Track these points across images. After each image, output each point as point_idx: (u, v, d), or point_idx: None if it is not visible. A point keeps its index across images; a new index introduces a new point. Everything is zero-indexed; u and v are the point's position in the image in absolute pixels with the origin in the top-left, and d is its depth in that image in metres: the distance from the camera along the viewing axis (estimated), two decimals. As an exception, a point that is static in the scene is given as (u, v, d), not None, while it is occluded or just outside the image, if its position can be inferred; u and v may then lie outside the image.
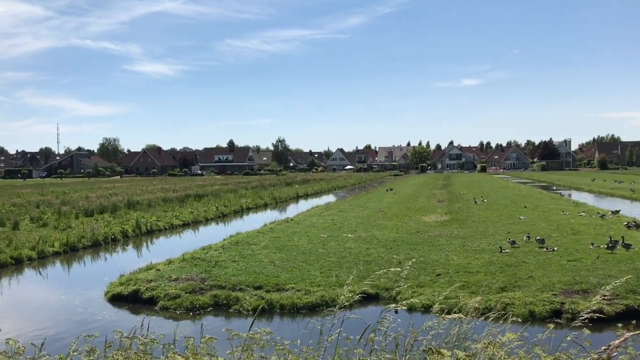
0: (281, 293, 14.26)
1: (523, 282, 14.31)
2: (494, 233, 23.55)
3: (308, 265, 17.33)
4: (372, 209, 36.92)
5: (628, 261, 16.57)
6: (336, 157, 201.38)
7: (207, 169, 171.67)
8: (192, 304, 13.87)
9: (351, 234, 23.93)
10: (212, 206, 40.75)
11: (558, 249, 18.86)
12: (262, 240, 22.62)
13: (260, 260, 18.20)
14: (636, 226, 24.41)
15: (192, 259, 18.73)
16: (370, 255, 18.77)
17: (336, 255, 18.79)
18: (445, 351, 3.58)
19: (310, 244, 21.52)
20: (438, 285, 14.29)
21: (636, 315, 11.64)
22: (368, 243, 21.41)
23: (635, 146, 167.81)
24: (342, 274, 15.84)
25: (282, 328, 12.26)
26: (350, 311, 13.22)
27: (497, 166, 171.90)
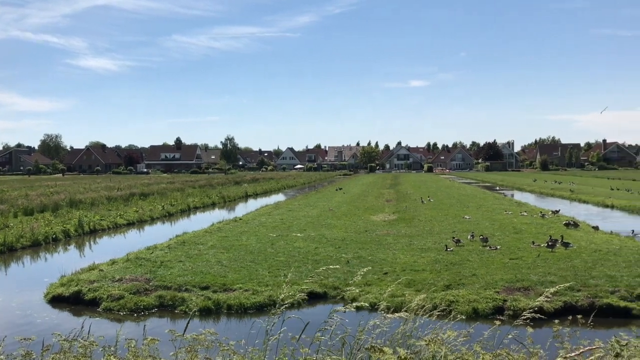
0: (228, 293, 14.11)
1: (467, 280, 14.65)
2: (439, 232, 24.02)
3: (256, 265, 17.21)
4: (321, 208, 37.04)
5: (567, 259, 17.21)
6: (286, 156, 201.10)
7: (154, 167, 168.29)
8: (136, 305, 13.53)
9: (300, 234, 23.93)
10: (158, 205, 39.95)
11: (501, 248, 19.40)
12: (209, 240, 22.33)
13: (207, 260, 17.96)
14: (575, 225, 25.39)
15: (137, 259, 18.30)
16: (319, 254, 18.81)
17: (285, 255, 18.74)
18: (388, 349, 3.60)
19: (259, 243, 21.39)
20: (385, 283, 14.44)
21: (573, 311, 12.06)
22: (317, 242, 21.45)
23: (575, 148, 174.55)
24: (290, 273, 15.75)
25: (229, 328, 12.13)
26: (299, 310, 13.26)
27: (443, 166, 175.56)
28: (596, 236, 22.42)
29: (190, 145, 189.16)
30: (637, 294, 13.28)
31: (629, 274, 15.02)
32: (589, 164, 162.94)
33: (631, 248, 19.20)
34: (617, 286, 13.79)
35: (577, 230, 24.43)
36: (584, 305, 12.73)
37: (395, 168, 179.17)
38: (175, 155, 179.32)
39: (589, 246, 19.55)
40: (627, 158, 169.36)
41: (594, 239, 21.30)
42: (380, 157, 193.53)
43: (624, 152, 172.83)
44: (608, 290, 13.54)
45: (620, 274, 15.04)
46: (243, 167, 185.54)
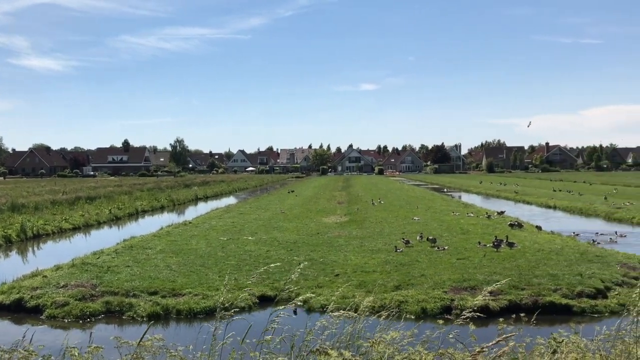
0: (177, 298, 13.90)
1: (416, 280, 14.90)
2: (389, 233, 24.33)
3: (206, 269, 17.01)
4: (273, 211, 36.92)
5: (511, 259, 17.72)
6: (237, 158, 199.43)
7: (100, 170, 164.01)
8: (82, 311, 13.16)
9: (252, 237, 23.79)
10: (105, 209, 38.92)
11: (448, 248, 19.81)
12: (158, 244, 21.91)
13: (155, 265, 17.62)
14: (519, 225, 26.20)
15: (83, 264, 17.78)
16: (271, 257, 18.74)
17: (236, 258, 18.59)
18: (333, 351, 3.63)
19: (209, 247, 21.14)
20: (336, 285, 14.51)
21: (518, 310, 12.43)
22: (269, 245, 21.37)
23: (519, 151, 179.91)
24: (241, 277, 15.68)
25: (178, 334, 11.95)
26: (250, 314, 13.20)
27: (393, 169, 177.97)
28: (539, 236, 23.18)
29: (139, 147, 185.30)
30: (578, 292, 13.81)
31: (569, 272, 15.59)
32: (532, 166, 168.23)
33: (572, 247, 19.94)
34: (559, 284, 14.30)
35: (522, 230, 25.20)
36: (528, 303, 13.15)
37: (347, 170, 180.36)
38: (123, 157, 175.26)
39: (533, 246, 20.20)
40: (568, 160, 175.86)
41: (537, 239, 22.01)
42: (332, 159, 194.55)
43: (566, 155, 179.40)
44: (550, 288, 14.03)
45: (561, 272, 15.59)
46: (193, 169, 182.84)
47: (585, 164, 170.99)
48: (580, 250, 19.14)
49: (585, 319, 12.48)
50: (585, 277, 14.98)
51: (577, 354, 4.16)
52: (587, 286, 14.12)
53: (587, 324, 11.71)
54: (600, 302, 13.40)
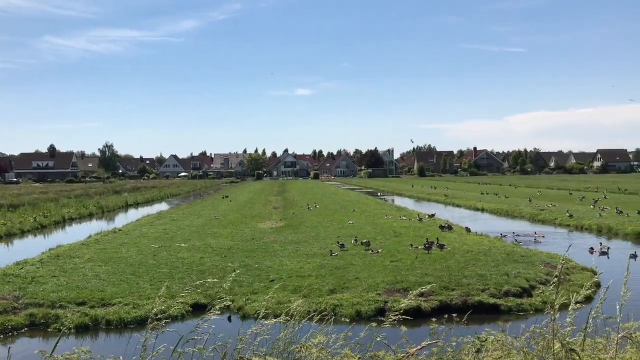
0: (107, 308, 13.44)
1: (351, 284, 15.06)
2: (325, 237, 24.48)
3: (137, 277, 16.54)
4: (207, 217, 36.38)
5: (442, 260, 18.22)
6: (169, 163, 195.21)
7: (24, 177, 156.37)
8: (3, 325, 12.49)
9: (184, 244, 23.33)
10: (29, 217, 37.14)
11: (382, 251, 20.14)
12: (86, 253, 21.11)
13: (84, 274, 16.98)
14: (449, 228, 26.98)
15: (4, 275, 16.88)
16: (204, 264, 18.45)
17: (168, 266, 18.17)
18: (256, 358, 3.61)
19: (140, 255, 20.57)
20: (272, 291, 14.35)
21: (448, 310, 12.79)
22: (202, 252, 21.02)
23: (449, 155, 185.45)
24: (174, 285, 15.34)
25: (107, 345, 11.57)
26: (183, 322, 12.92)
27: (328, 173, 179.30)
28: (468, 237, 23.96)
29: (66, 152, 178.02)
30: (505, 291, 14.35)
31: (497, 272, 16.18)
32: (461, 170, 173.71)
33: (499, 248, 20.72)
34: (487, 284, 14.81)
35: (451, 232, 25.97)
36: (458, 303, 13.55)
37: (283, 175, 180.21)
38: (49, 163, 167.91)
39: (462, 247, 20.84)
40: (495, 164, 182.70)
41: (466, 241, 22.73)
42: (268, 164, 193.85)
43: (493, 159, 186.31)
44: (479, 288, 14.51)
45: (489, 272, 16.16)
46: (123, 175, 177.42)
47: (511, 167, 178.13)
48: (507, 251, 19.92)
49: (512, 317, 12.96)
50: (511, 276, 15.60)
51: (502, 352, 4.32)
52: (513, 285, 14.71)
53: (514, 322, 12.16)
54: (526, 300, 13.99)
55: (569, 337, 4.41)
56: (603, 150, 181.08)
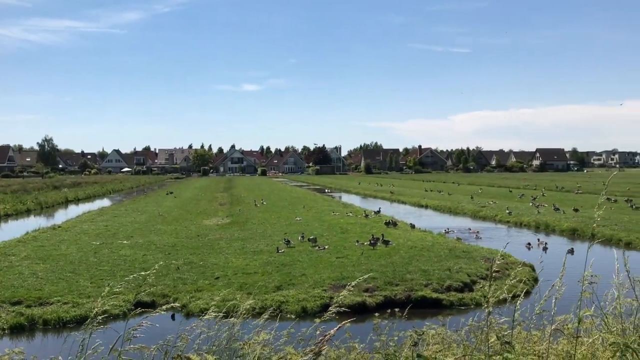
0: (44, 307, 12.98)
1: (297, 280, 15.07)
2: (272, 234, 24.41)
3: (77, 275, 16.04)
4: (150, 213, 35.64)
5: (387, 256, 18.48)
6: (112, 158, 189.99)
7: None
8: None
9: (127, 241, 22.77)
10: (-40, 213, 35.40)
11: (328, 247, 20.25)
12: (22, 251, 20.30)
13: (20, 273, 16.32)
14: (394, 224, 27.39)
15: None
16: (147, 262, 18.05)
17: (109, 264, 17.71)
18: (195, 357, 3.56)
19: (80, 252, 19.96)
20: (217, 288, 14.31)
21: (392, 305, 12.96)
22: (145, 249, 20.59)
23: (394, 153, 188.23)
24: (115, 283, 14.94)
25: (44, 346, 11.19)
26: (124, 321, 12.61)
27: (276, 170, 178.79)
28: (412, 234, 24.40)
29: (2, 146, 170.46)
30: (447, 286, 14.69)
31: (439, 267, 16.54)
32: (407, 167, 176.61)
33: (442, 244, 21.18)
34: (430, 279, 15.12)
35: (396, 228, 26.37)
36: (402, 298, 13.77)
37: (230, 171, 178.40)
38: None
39: (406, 243, 21.20)
40: (439, 162, 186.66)
41: (410, 237, 23.14)
42: (214, 160, 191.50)
43: (437, 157, 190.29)
44: (422, 283, 14.80)
45: (432, 268, 16.50)
46: (63, 170, 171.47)
47: (454, 165, 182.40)
48: (449, 247, 20.39)
49: (453, 311, 13.29)
50: (453, 271, 15.98)
51: (442, 345, 4.42)
52: (455, 280, 15.07)
53: (455, 316, 12.47)
54: (467, 294, 14.37)
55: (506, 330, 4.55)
56: (542, 149, 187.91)
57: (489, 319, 4.19)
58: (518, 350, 4.08)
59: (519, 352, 3.90)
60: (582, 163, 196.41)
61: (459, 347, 4.51)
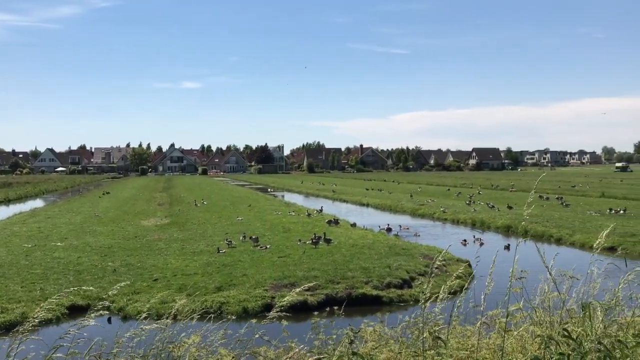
0: (-31, 314, 12.32)
1: (238, 281, 14.95)
2: (212, 234, 24.11)
3: (6, 279, 15.33)
4: (86, 214, 34.51)
5: (329, 254, 18.59)
6: (45, 157, 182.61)
7: None
8: None
9: (61, 242, 21.95)
10: None
11: (270, 247, 20.19)
12: (-54, 255, 19.23)
13: (-58, 278, 15.44)
14: (336, 222, 27.59)
15: None
16: (82, 264, 17.48)
17: (42, 267, 17.01)
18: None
19: (11, 255, 19.09)
20: (155, 290, 14.01)
21: (333, 303, 13.05)
22: (80, 251, 19.91)
23: (336, 152, 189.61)
24: (48, 286, 14.42)
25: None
26: (58, 326, 12.16)
27: (217, 169, 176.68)
28: (354, 232, 24.65)
29: None
30: (387, 283, 14.92)
31: (380, 265, 16.78)
32: (348, 166, 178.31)
33: (382, 242, 21.51)
34: (370, 277, 15.32)
35: (338, 227, 26.58)
36: (342, 296, 13.89)
37: (169, 171, 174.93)
38: None
39: (348, 241, 21.40)
40: (380, 161, 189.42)
41: (352, 235, 23.37)
42: (153, 159, 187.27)
43: (378, 156, 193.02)
44: (363, 281, 14.98)
45: (373, 265, 16.73)
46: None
47: (395, 164, 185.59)
48: (389, 244, 20.72)
49: (393, 308, 13.51)
50: (393, 269, 16.25)
51: (379, 342, 4.48)
52: (394, 277, 15.33)
53: (394, 313, 12.70)
54: (406, 291, 14.64)
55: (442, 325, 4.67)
56: (478, 149, 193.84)
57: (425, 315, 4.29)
58: (453, 345, 4.19)
59: (453, 347, 4.01)
60: (516, 162, 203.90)
61: (396, 344, 4.59)
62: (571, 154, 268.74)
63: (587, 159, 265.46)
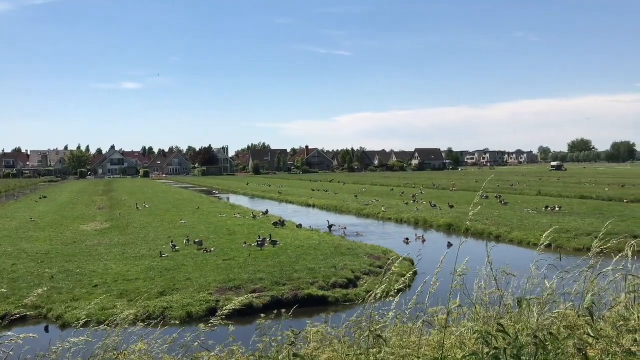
0: None
1: (181, 285, 14.70)
2: (155, 238, 23.62)
3: None
4: (21, 219, 33.13)
5: (274, 256, 18.54)
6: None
7: None
8: None
9: (-7, 249, 20.99)
10: None
11: (215, 250, 19.95)
12: None
13: None
14: (282, 224, 27.55)
15: None
16: (17, 271, 16.78)
17: (-28, 275, 16.21)
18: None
19: (-62, 264, 18.11)
20: (95, 296, 13.59)
21: (280, 305, 13.03)
22: (15, 258, 19.11)
23: (282, 153, 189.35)
24: (-21, 296, 13.73)
25: None
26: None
27: (160, 171, 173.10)
28: (300, 233, 24.67)
29: None
30: (332, 283, 15.02)
31: (325, 265, 16.87)
32: (295, 168, 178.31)
33: (328, 242, 21.62)
34: (316, 277, 15.38)
35: (284, 228, 26.55)
36: (289, 297, 13.88)
37: (110, 173, 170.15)
38: None
39: (294, 242, 21.41)
40: (325, 162, 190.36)
41: (298, 236, 23.39)
42: (93, 162, 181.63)
43: (323, 157, 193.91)
44: (309, 281, 15.02)
45: (319, 266, 16.80)
46: None
47: (340, 165, 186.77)
48: (335, 245, 20.86)
49: (339, 308, 13.59)
50: (338, 269, 16.37)
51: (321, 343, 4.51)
52: (340, 277, 15.45)
53: (340, 312, 12.81)
54: (352, 291, 14.76)
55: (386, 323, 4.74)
56: (420, 149, 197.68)
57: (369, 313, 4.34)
58: (395, 343, 4.26)
59: (395, 345, 4.07)
60: (457, 162, 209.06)
61: (341, 343, 4.62)
62: (509, 153, 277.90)
63: (525, 158, 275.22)
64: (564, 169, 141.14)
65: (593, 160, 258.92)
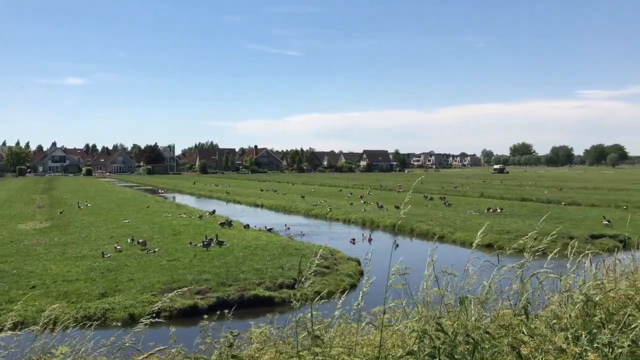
0: None
1: (124, 286, 14.37)
2: (97, 238, 22.98)
3: None
4: (-47, 218, 31.58)
5: (221, 257, 18.36)
6: None
7: None
8: None
9: None
10: None
11: (159, 250, 19.59)
12: None
13: None
14: (229, 224, 27.31)
15: None
16: (-53, 273, 15.98)
17: None
18: None
19: None
20: (33, 298, 13.11)
21: (225, 305, 12.90)
22: (-55, 259, 18.20)
23: (231, 153, 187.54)
24: None
25: None
26: None
27: (103, 170, 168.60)
28: (247, 233, 24.52)
29: None
30: (279, 283, 15.00)
31: (272, 265, 16.84)
32: (243, 167, 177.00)
33: (275, 242, 21.58)
34: (262, 278, 15.32)
35: (231, 228, 26.32)
36: (235, 298, 13.78)
37: (50, 171, 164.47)
38: None
39: (241, 243, 21.26)
40: (275, 162, 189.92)
41: (245, 236, 23.24)
42: (33, 159, 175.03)
43: (273, 157, 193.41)
44: (255, 282, 14.95)
45: (265, 266, 16.75)
46: None
47: (289, 165, 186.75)
48: (283, 245, 20.84)
49: (285, 308, 13.57)
50: (285, 269, 16.36)
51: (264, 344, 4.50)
52: (287, 277, 15.45)
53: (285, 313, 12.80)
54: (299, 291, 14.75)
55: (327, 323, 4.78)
56: (368, 151, 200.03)
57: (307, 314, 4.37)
58: (338, 342, 4.30)
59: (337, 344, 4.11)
60: (404, 164, 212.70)
61: (284, 344, 4.63)
62: (454, 156, 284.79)
63: (468, 161, 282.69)
64: (506, 172, 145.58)
65: (533, 163, 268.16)
